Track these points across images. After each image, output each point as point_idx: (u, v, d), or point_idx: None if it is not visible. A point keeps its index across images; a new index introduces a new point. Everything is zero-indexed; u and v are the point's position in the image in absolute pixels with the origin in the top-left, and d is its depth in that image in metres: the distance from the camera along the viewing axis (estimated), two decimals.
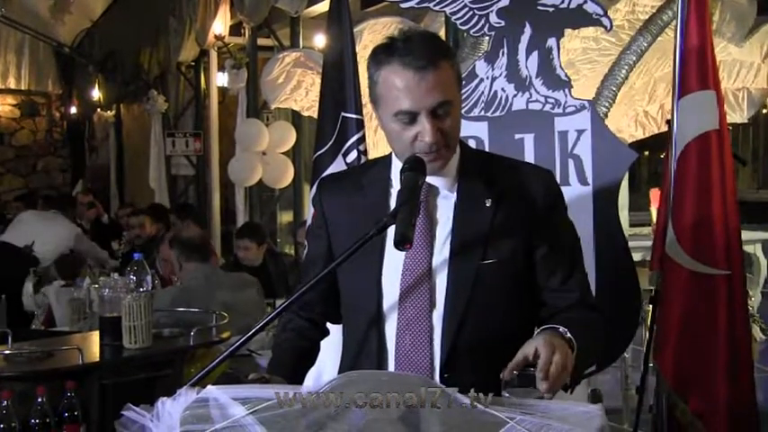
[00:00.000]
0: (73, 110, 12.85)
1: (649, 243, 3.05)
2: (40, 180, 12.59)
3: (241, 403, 1.26)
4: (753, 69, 4.54)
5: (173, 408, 1.30)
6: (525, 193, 1.65)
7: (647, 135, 4.63)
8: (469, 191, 1.64)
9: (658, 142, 4.40)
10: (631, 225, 4.93)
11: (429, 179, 1.63)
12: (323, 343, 1.83)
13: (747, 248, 5.28)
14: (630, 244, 2.54)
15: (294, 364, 1.72)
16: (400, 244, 1.46)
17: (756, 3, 4.27)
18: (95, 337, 2.87)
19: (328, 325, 1.84)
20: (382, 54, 1.59)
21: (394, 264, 1.63)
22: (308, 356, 1.78)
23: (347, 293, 1.73)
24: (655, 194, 4.94)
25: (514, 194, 1.64)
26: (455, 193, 1.65)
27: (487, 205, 1.62)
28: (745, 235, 2.66)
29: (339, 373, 1.64)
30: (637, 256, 2.82)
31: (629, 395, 3.93)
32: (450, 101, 1.57)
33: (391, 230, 1.49)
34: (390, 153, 1.70)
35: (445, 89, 1.56)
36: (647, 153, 8.55)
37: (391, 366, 1.62)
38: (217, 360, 1.47)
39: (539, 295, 1.68)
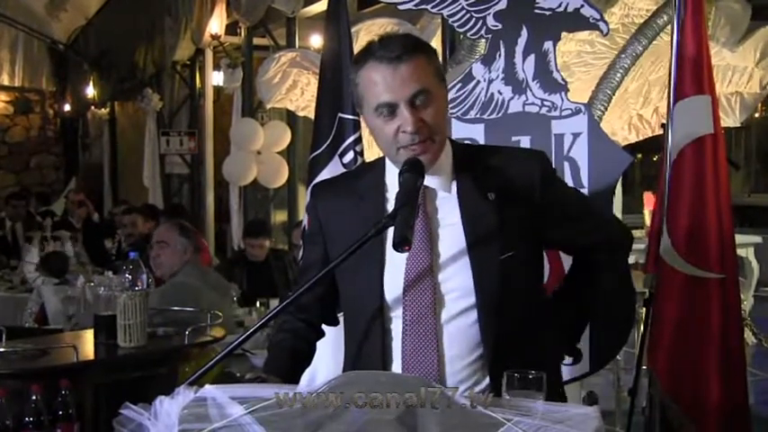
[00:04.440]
0: (67, 107, 12.82)
1: (642, 246, 3.06)
2: (32, 177, 12.55)
3: (239, 403, 1.26)
4: (746, 74, 4.57)
5: (171, 406, 1.30)
6: (523, 179, 1.67)
7: (640, 138, 4.64)
8: (469, 187, 1.65)
9: (651, 145, 4.42)
10: None
11: (425, 180, 1.63)
12: (317, 344, 1.84)
13: (740, 252, 5.29)
14: None
15: (290, 364, 1.73)
16: (399, 246, 1.47)
17: (750, 8, 4.30)
18: (90, 335, 2.86)
19: (323, 327, 1.85)
20: (360, 56, 1.62)
21: (396, 265, 1.63)
22: (305, 357, 1.79)
23: (349, 296, 1.73)
24: (648, 197, 4.97)
25: (513, 183, 1.66)
26: (455, 192, 1.66)
27: (491, 199, 1.64)
28: (738, 239, 2.67)
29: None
30: (630, 259, 2.82)
31: (622, 397, 3.95)
32: (429, 90, 1.58)
33: (391, 232, 1.50)
34: (384, 157, 1.71)
35: (422, 78, 1.57)
36: (639, 156, 8.57)
37: (396, 366, 1.63)
38: (215, 359, 1.47)
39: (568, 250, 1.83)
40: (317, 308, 1.78)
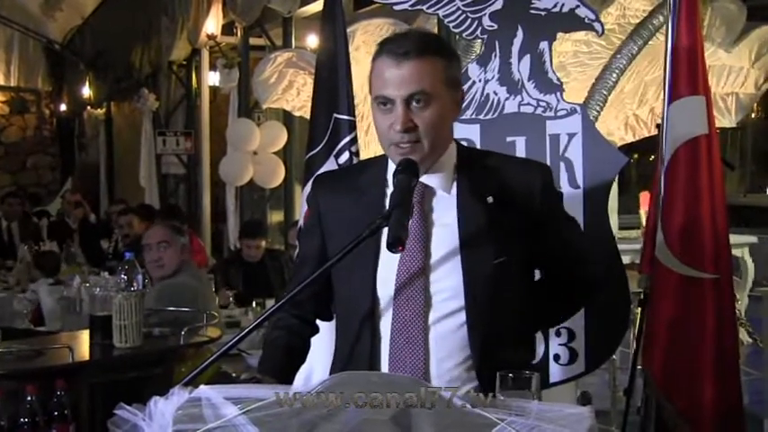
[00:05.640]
0: (63, 107, 12.80)
1: (638, 246, 3.07)
2: (28, 178, 12.53)
3: (233, 403, 1.26)
4: (741, 74, 4.59)
5: (165, 407, 1.29)
6: (523, 187, 1.67)
7: (636, 138, 4.66)
8: (469, 189, 1.65)
9: (648, 145, 4.43)
10: (621, 228, 4.95)
11: (425, 179, 1.64)
12: (313, 342, 1.83)
13: (735, 252, 5.30)
14: (619, 247, 2.56)
15: (285, 361, 1.73)
16: (393, 246, 1.47)
17: (746, 9, 4.31)
18: (86, 335, 2.86)
19: (318, 323, 1.84)
20: (377, 46, 1.63)
21: (389, 265, 1.63)
22: (299, 354, 1.78)
23: (342, 294, 1.73)
24: (645, 197, 4.97)
25: (514, 190, 1.66)
26: (454, 193, 1.66)
27: (490, 202, 1.63)
28: (733, 239, 2.68)
29: (331, 373, 1.65)
30: (625, 259, 2.83)
31: (617, 397, 3.96)
32: (429, 93, 1.57)
33: (386, 231, 1.50)
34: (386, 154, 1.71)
35: (424, 80, 1.57)
36: (636, 156, 8.59)
37: (384, 366, 1.63)
38: (210, 359, 1.47)
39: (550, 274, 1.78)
40: (311, 304, 1.77)
